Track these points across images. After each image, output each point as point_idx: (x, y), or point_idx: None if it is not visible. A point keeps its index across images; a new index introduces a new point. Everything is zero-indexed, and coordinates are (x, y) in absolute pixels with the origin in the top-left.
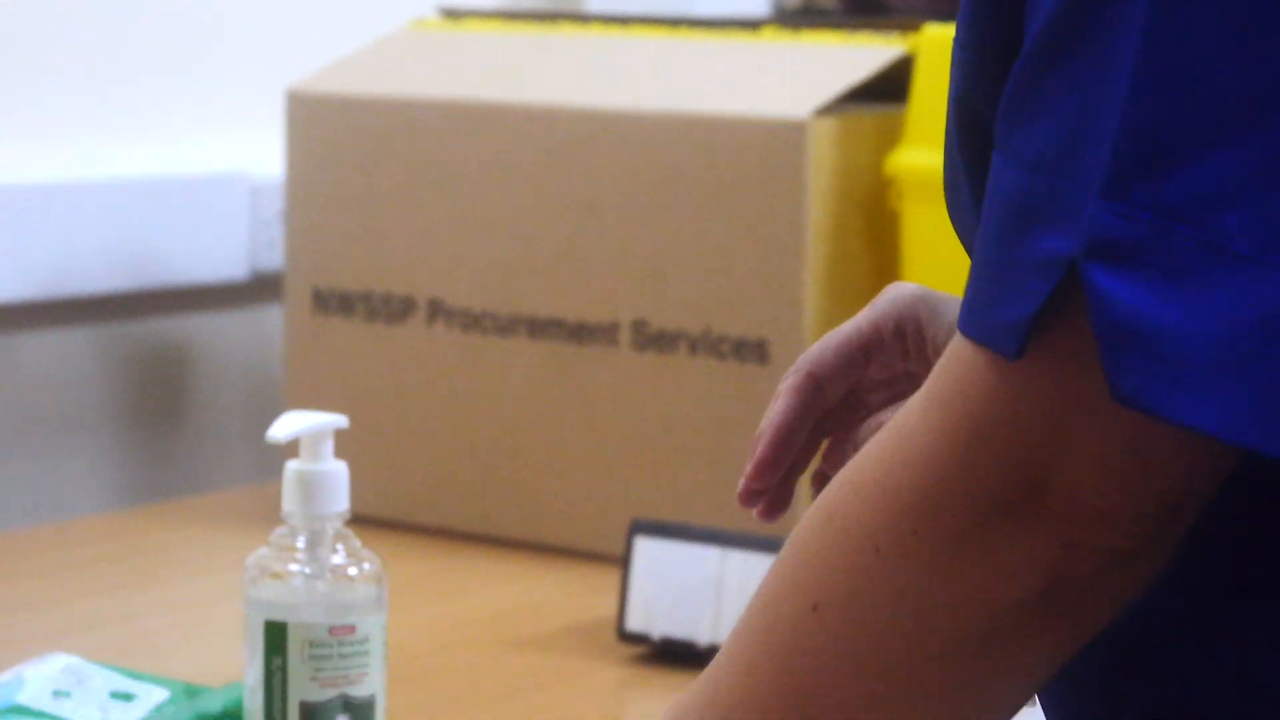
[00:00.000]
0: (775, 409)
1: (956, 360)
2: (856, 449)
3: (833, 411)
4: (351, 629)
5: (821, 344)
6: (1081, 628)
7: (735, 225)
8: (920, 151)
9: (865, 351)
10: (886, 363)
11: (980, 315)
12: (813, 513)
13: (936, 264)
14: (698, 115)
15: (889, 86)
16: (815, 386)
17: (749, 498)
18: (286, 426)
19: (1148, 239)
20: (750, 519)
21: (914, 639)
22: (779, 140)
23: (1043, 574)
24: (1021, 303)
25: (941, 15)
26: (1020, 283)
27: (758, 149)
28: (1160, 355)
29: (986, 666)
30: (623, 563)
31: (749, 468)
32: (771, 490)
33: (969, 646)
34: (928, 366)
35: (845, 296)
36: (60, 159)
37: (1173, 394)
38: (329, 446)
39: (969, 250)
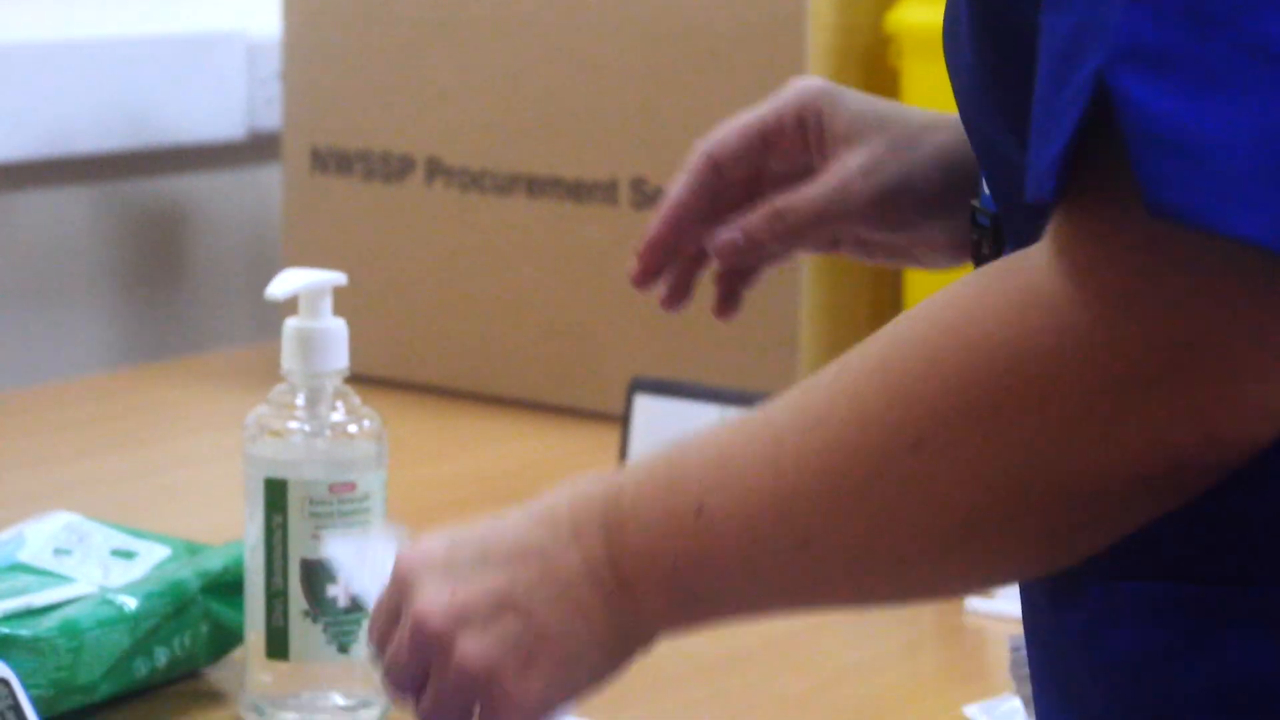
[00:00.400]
0: (671, 190)
1: (1071, 227)
2: (752, 240)
3: (733, 202)
4: (351, 486)
5: (723, 128)
6: (1181, 500)
7: (735, 82)
8: (920, 8)
9: (764, 138)
10: (786, 154)
11: (1031, 169)
12: (906, 351)
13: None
14: None
15: None
16: (713, 168)
17: (641, 278)
18: (285, 284)
19: (1180, 43)
20: (750, 377)
21: (1012, 496)
22: None
23: (1165, 456)
24: (1059, 136)
25: None
26: (1060, 116)
27: (758, 6)
28: (1200, 163)
29: (1079, 520)
30: (622, 421)
31: (640, 245)
32: (665, 272)
33: (1067, 509)
34: (825, 160)
35: None
36: (56, 17)
37: (1216, 203)
38: (328, 304)
39: (960, 100)
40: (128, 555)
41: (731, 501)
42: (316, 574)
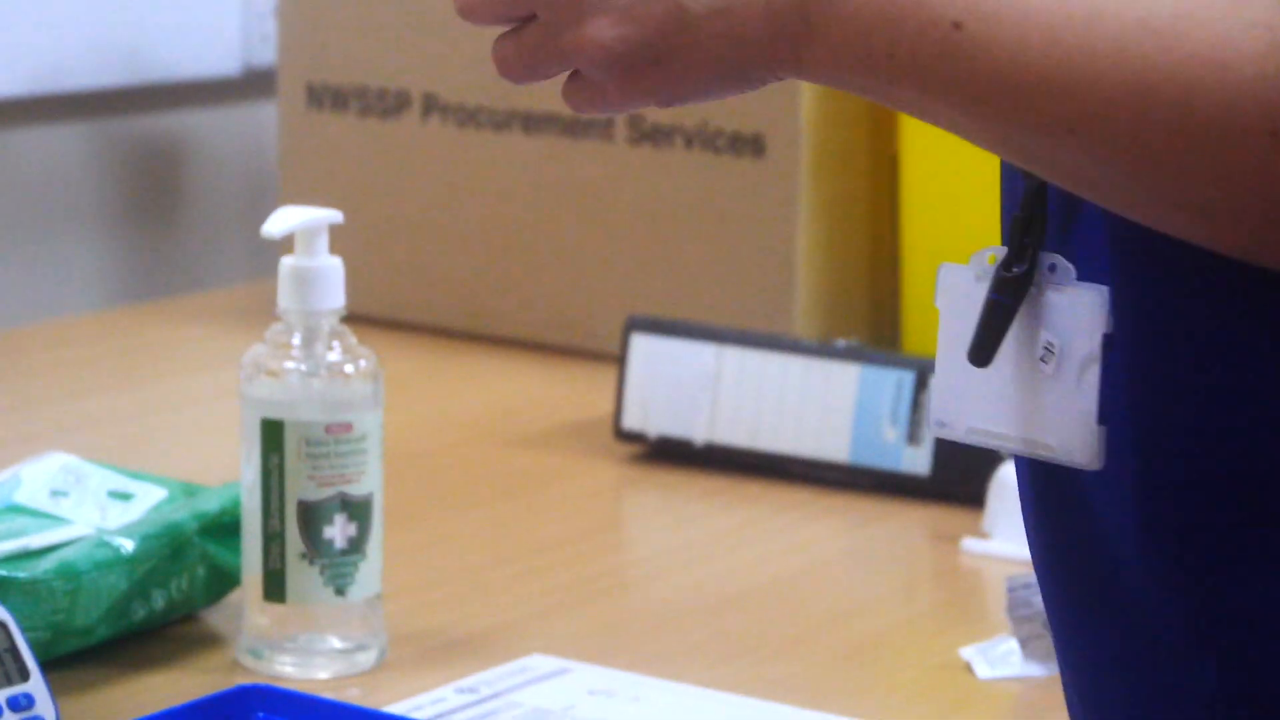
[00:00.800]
0: None
1: None
2: None
3: None
4: (348, 426)
5: None
6: None
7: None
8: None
9: None
10: None
11: None
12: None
13: None
14: None
15: None
16: None
17: None
18: (281, 222)
19: None
20: (747, 314)
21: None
22: None
23: None
24: None
25: None
26: None
27: None
28: None
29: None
30: (619, 360)
31: None
32: None
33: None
34: None
35: (841, 93)
36: None
37: None
38: (324, 242)
39: None
40: (124, 497)
41: (994, 29)
42: (313, 515)
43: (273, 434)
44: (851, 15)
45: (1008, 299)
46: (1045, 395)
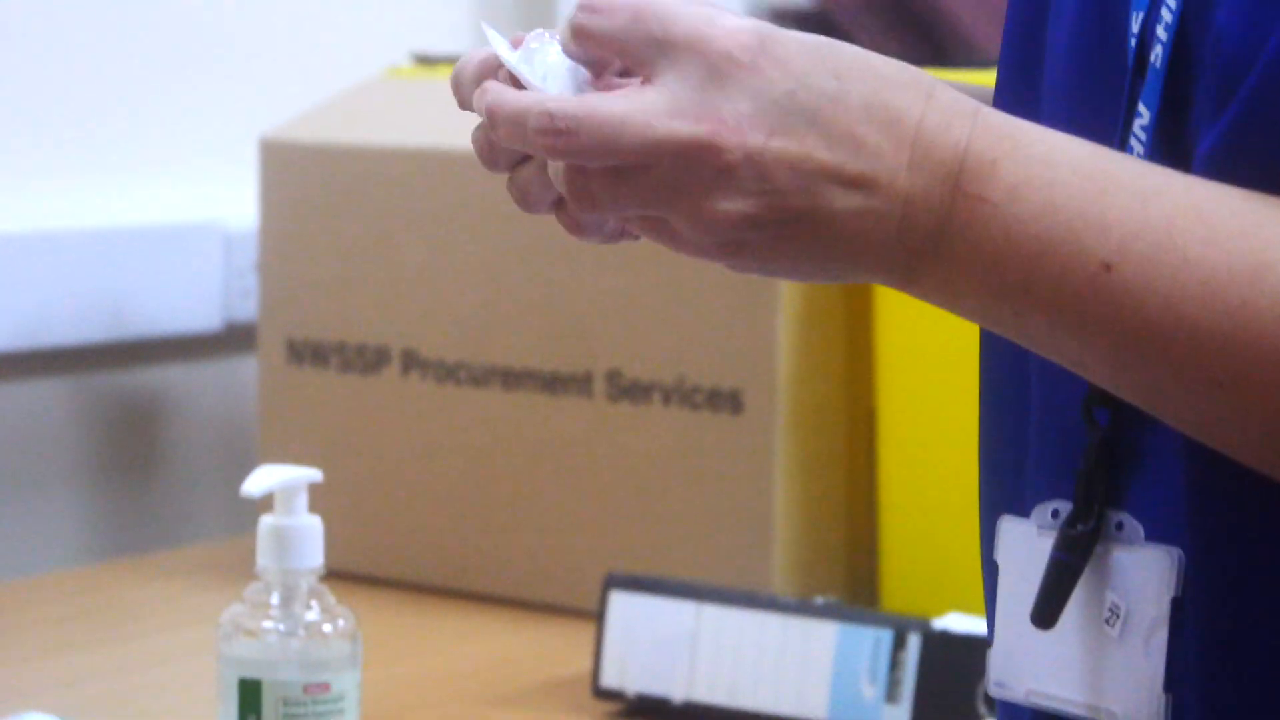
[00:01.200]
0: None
1: None
2: None
3: None
4: (326, 687)
5: None
6: None
7: (708, 275)
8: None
9: None
10: None
11: None
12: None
13: (910, 312)
14: None
15: None
16: None
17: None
18: (261, 481)
19: None
20: (727, 572)
21: None
22: None
23: None
24: None
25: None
26: None
27: None
28: None
29: None
30: (597, 617)
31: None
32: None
33: None
34: None
35: (819, 347)
36: (32, 208)
37: None
38: (303, 501)
39: None
40: None
41: (1148, 274)
42: None
43: (250, 694)
44: (990, 240)
45: (1074, 558)
46: (1110, 658)
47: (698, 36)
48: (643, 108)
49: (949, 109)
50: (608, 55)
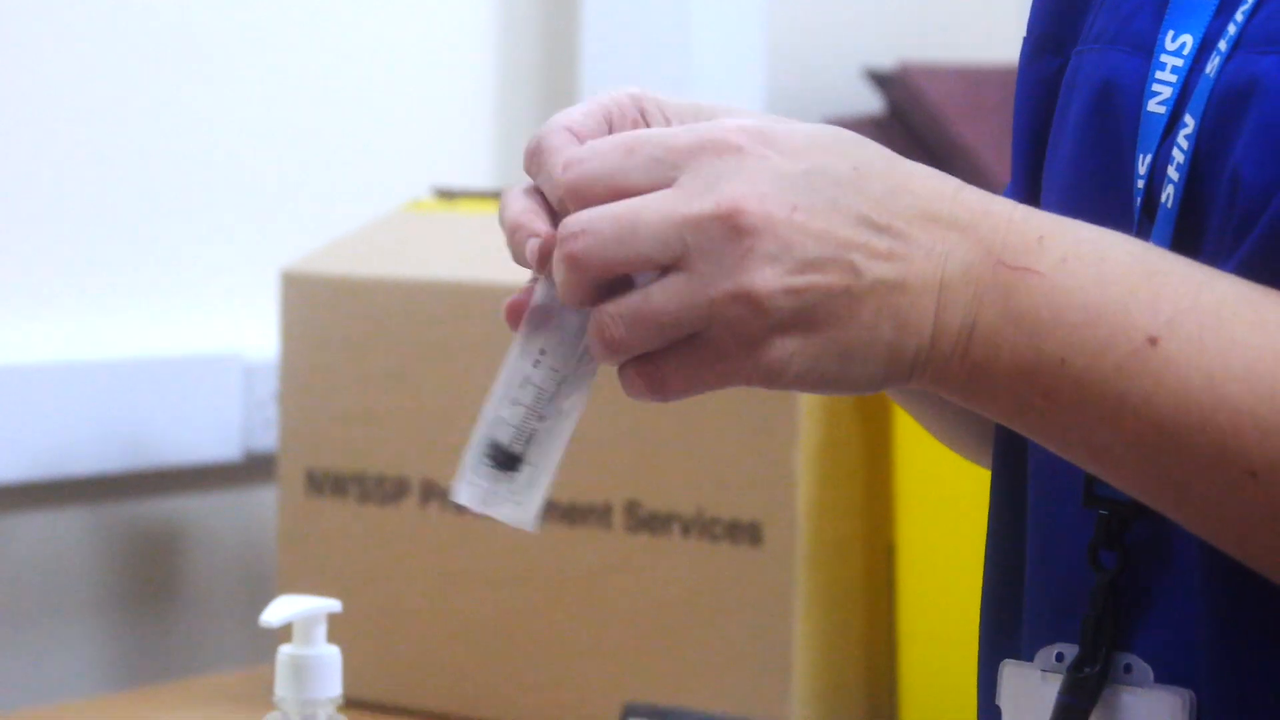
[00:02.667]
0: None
1: None
2: None
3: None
4: None
5: (560, 115)
6: None
7: (727, 406)
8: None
9: (608, 120)
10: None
11: None
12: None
13: (929, 446)
14: None
15: None
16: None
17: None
18: (279, 611)
19: None
20: (746, 704)
21: None
22: None
23: None
24: None
25: None
26: None
27: None
28: None
29: None
30: None
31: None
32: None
33: None
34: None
35: (837, 478)
36: (53, 339)
37: None
38: (322, 631)
39: None
40: None
41: (1194, 352)
42: None
43: None
44: (1033, 308)
45: (1082, 701)
46: None
47: (701, 138)
48: (658, 200)
49: (984, 197)
50: (611, 197)
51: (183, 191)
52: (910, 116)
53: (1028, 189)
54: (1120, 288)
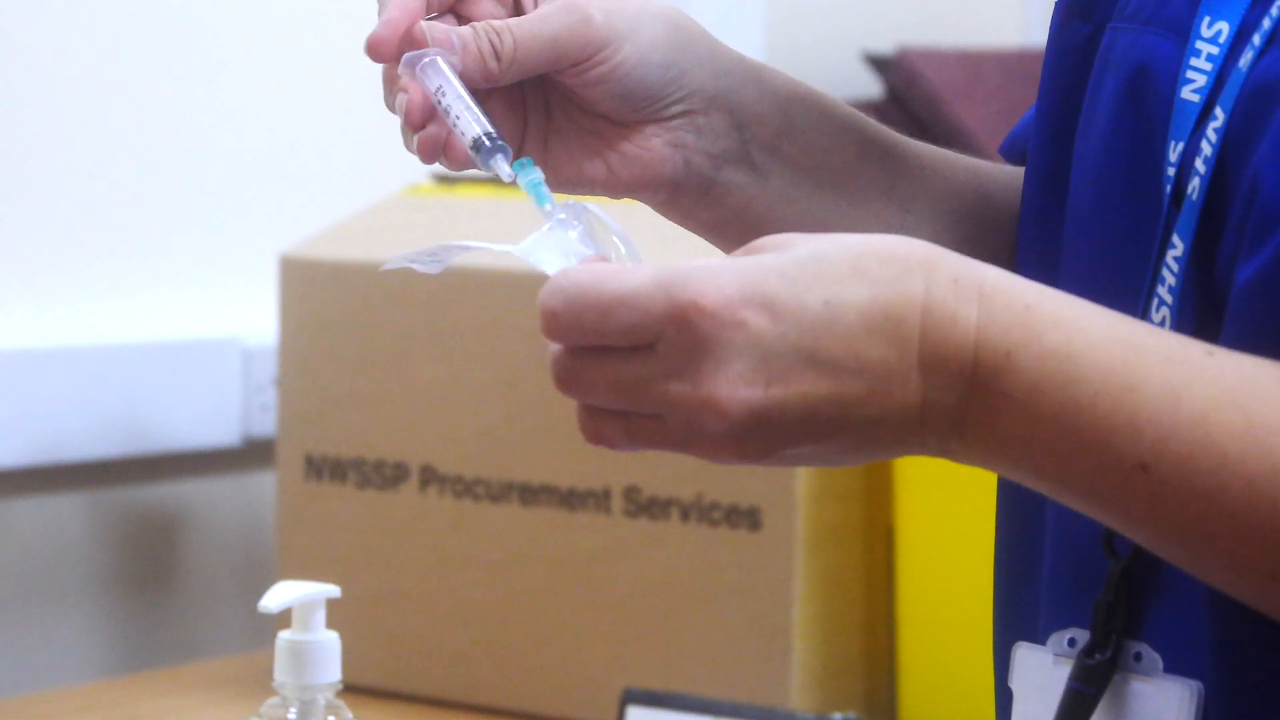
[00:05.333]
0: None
1: None
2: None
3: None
4: None
5: None
6: None
7: None
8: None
9: None
10: None
11: None
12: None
13: None
14: None
15: None
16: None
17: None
18: (278, 597)
19: None
20: (744, 688)
21: None
22: None
23: None
24: None
25: None
26: None
27: None
28: None
29: None
30: None
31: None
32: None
33: None
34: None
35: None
36: (52, 324)
37: None
38: (321, 616)
39: None
40: None
41: (1187, 475)
42: None
43: None
44: (1017, 434)
45: (1091, 688)
46: None
47: (676, 309)
48: (637, 374)
49: (952, 294)
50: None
51: (181, 177)
52: (909, 100)
53: (1050, 155)
54: (1097, 412)
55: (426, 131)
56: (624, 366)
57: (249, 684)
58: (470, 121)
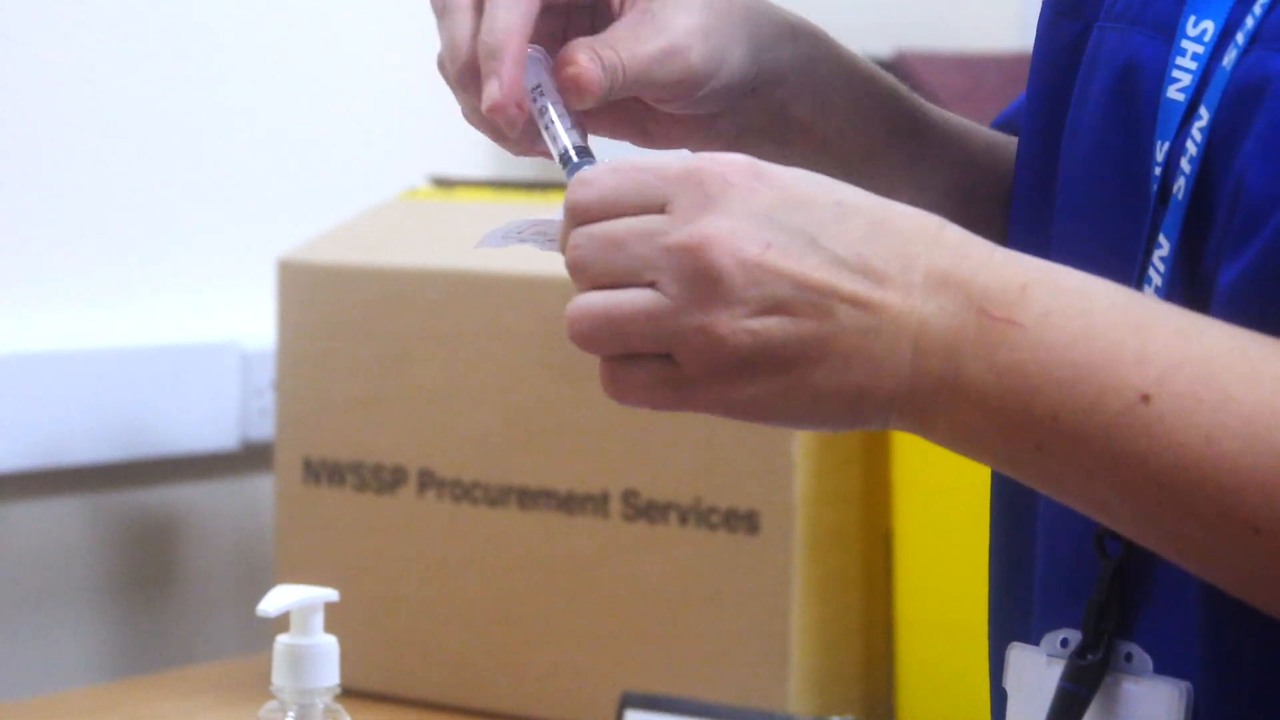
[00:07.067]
0: (514, 15)
1: None
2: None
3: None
4: None
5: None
6: None
7: (723, 430)
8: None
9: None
10: None
11: None
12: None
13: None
14: None
15: None
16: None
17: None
18: (277, 600)
19: None
20: (743, 692)
21: None
22: None
23: None
24: None
25: None
26: None
27: None
28: None
29: None
30: None
31: (498, 84)
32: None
33: None
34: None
35: (835, 466)
36: (50, 328)
37: None
38: (319, 620)
39: None
40: None
41: (1189, 410)
42: None
43: None
44: (1020, 365)
45: (1082, 689)
46: None
47: (690, 169)
48: (643, 222)
49: (965, 237)
50: (607, 217)
51: (180, 180)
52: None
53: (1038, 152)
54: (1106, 342)
55: (511, 113)
56: (634, 221)
57: (247, 688)
58: (562, 132)
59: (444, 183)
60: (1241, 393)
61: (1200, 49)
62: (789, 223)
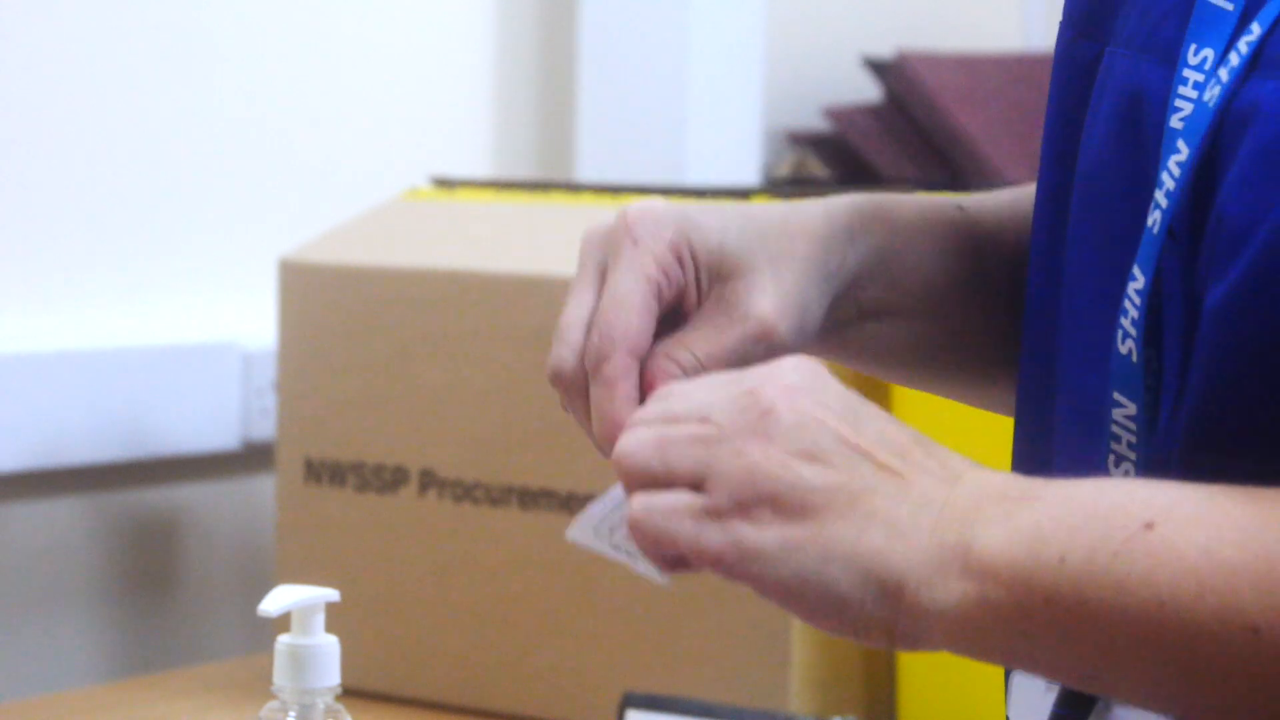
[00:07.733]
0: (618, 398)
1: None
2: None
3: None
4: None
5: (621, 314)
6: None
7: None
8: None
9: (661, 300)
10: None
11: None
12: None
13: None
14: None
15: None
16: (638, 362)
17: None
18: (278, 600)
19: None
20: (744, 692)
21: None
22: None
23: None
24: None
25: (932, 184)
26: None
27: None
28: None
29: None
30: None
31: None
32: None
33: None
34: (697, 278)
35: None
36: (51, 328)
37: None
38: (320, 620)
39: None
40: None
41: (1190, 530)
42: None
43: None
44: (1032, 524)
45: (1074, 714)
46: None
47: (740, 385)
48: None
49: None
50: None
51: (181, 180)
52: (909, 105)
53: (1056, 174)
54: (1120, 491)
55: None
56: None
57: (248, 688)
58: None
59: (445, 183)
60: (1240, 511)
61: (1201, 77)
62: (847, 402)
